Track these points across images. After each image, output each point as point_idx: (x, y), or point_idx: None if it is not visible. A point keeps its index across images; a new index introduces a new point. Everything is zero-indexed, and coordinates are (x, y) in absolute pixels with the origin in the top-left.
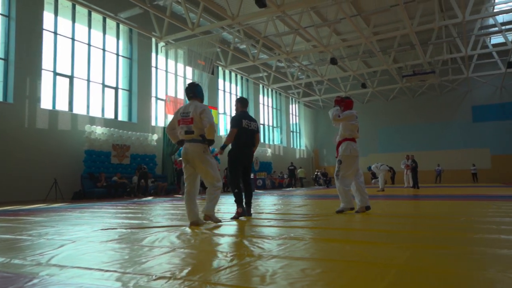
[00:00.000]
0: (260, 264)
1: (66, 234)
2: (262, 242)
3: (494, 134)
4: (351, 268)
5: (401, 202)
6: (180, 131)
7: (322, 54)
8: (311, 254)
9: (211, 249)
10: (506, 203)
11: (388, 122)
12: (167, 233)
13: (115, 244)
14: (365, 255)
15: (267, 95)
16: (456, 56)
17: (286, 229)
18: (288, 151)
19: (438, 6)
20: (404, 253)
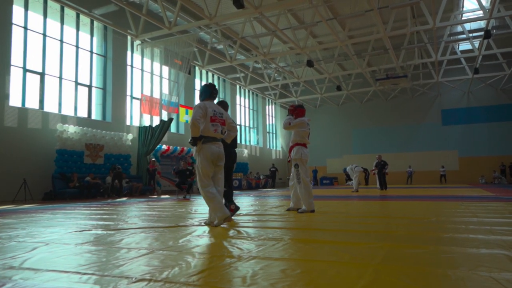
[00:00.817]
0: (240, 265)
1: (38, 237)
2: (242, 243)
3: (462, 136)
4: (330, 268)
5: (374, 202)
6: (215, 128)
7: (298, 56)
8: (290, 255)
9: (191, 251)
10: (473, 204)
11: (362, 124)
12: (144, 235)
13: (91, 246)
14: (343, 255)
15: (243, 96)
16: (427, 61)
17: (264, 229)
18: (265, 152)
19: (410, 13)
20: (380, 252)
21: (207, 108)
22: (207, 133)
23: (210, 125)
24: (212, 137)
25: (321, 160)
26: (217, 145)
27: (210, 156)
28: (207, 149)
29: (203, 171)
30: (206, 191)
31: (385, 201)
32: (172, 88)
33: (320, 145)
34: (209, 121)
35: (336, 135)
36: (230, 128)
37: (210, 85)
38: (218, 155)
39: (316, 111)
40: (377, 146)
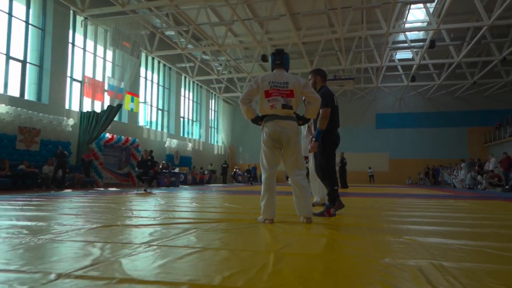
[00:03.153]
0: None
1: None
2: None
3: (393, 140)
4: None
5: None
6: (272, 104)
7: (248, 51)
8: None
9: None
10: (394, 199)
11: None
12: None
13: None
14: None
15: (188, 88)
16: (373, 66)
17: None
18: (207, 146)
19: (361, 17)
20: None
21: (262, 81)
22: (263, 111)
23: (266, 101)
24: (271, 115)
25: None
26: (279, 123)
27: (269, 138)
28: (265, 129)
29: (263, 156)
30: (263, 180)
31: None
32: (122, 73)
33: (260, 143)
34: (264, 96)
35: None
36: (308, 99)
37: (274, 52)
38: (279, 136)
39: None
40: None
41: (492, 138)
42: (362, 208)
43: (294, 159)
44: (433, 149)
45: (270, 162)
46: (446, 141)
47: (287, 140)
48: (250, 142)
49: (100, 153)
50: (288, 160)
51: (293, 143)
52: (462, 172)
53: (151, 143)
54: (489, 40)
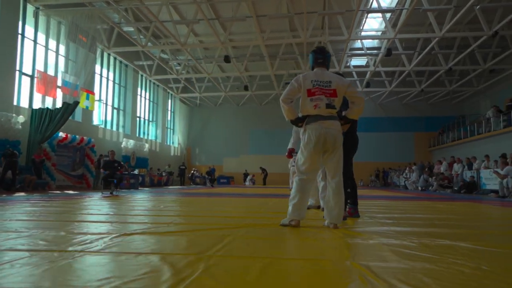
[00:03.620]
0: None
1: None
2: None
3: None
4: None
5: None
6: (316, 103)
7: (207, 51)
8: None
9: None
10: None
11: (260, 125)
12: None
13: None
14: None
15: (145, 87)
16: (332, 70)
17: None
18: (163, 147)
19: (321, 23)
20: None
21: (304, 80)
22: (305, 112)
23: (308, 100)
24: (314, 116)
25: (218, 159)
26: (325, 124)
27: (313, 140)
28: (309, 132)
29: (303, 159)
30: (296, 181)
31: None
32: (78, 68)
33: (218, 144)
34: (306, 95)
35: (234, 135)
36: (352, 99)
37: (315, 49)
38: (325, 138)
39: (215, 109)
40: (273, 147)
41: (436, 143)
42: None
43: (337, 161)
44: (383, 153)
45: (309, 168)
46: (395, 145)
47: (333, 140)
48: (207, 143)
49: (52, 153)
50: (331, 162)
51: (338, 143)
52: (414, 175)
53: (107, 144)
54: (437, 51)
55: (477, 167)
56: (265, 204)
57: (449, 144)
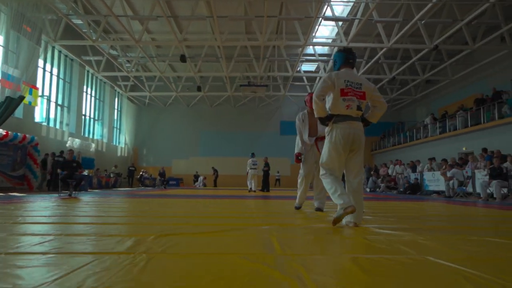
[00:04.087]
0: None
1: None
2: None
3: (295, 146)
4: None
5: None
6: (348, 104)
7: (160, 50)
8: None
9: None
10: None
11: (210, 127)
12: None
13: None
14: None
15: (91, 84)
16: (284, 75)
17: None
18: (110, 147)
19: (276, 27)
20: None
21: (337, 78)
22: (337, 111)
23: (341, 100)
24: (344, 115)
25: (167, 160)
26: (353, 125)
27: (341, 140)
28: (338, 131)
29: (330, 158)
30: (328, 176)
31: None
32: (23, 61)
33: (167, 145)
34: (339, 94)
35: (184, 136)
36: (375, 103)
37: (345, 49)
38: (353, 139)
39: (165, 109)
40: (223, 149)
41: (377, 147)
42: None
43: (360, 161)
44: None
45: (338, 166)
46: None
47: (359, 141)
48: (155, 144)
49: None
50: (355, 161)
51: (363, 144)
52: None
53: (51, 142)
54: (382, 60)
55: (421, 170)
56: (253, 204)
57: (390, 148)
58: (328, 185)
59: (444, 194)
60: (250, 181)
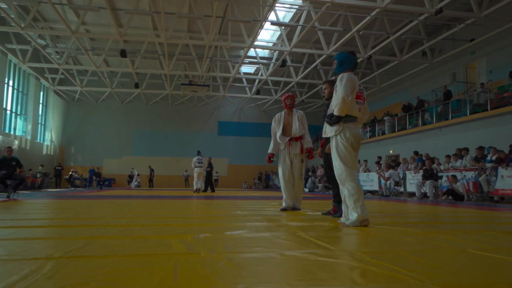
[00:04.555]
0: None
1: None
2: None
3: (232, 147)
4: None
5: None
6: (360, 107)
7: (95, 43)
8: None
9: None
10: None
11: (145, 126)
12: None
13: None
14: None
15: (13, 75)
16: (228, 75)
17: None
18: (35, 145)
19: (220, 28)
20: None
21: (355, 81)
22: (351, 112)
23: (355, 102)
24: (353, 116)
25: (97, 159)
26: (357, 125)
27: (352, 139)
28: (349, 131)
29: (346, 158)
30: (353, 181)
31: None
32: None
33: (98, 144)
34: (354, 97)
35: (117, 134)
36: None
37: (353, 52)
38: (359, 138)
39: (97, 106)
40: (159, 149)
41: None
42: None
43: (357, 158)
44: (266, 157)
45: (355, 162)
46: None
47: (361, 140)
48: (85, 142)
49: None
50: (355, 159)
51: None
52: None
53: None
54: (320, 66)
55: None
56: (219, 204)
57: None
58: (353, 190)
59: (377, 194)
60: (197, 180)
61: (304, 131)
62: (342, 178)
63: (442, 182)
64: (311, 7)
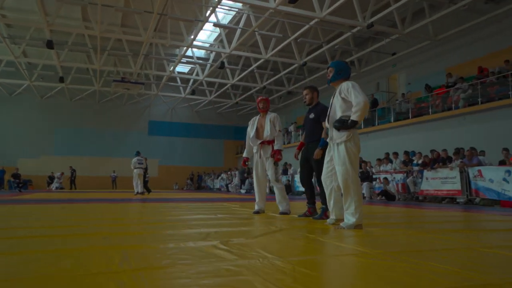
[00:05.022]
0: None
1: None
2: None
3: (164, 147)
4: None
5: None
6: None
7: (12, 30)
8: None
9: None
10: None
11: (68, 123)
12: None
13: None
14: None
15: None
16: (161, 74)
17: None
18: None
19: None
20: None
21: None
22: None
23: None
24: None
25: (10, 159)
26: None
27: (359, 145)
28: (357, 137)
29: (356, 163)
30: (358, 185)
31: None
32: None
33: (12, 142)
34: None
35: (34, 132)
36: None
37: (347, 62)
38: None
39: (10, 99)
40: (83, 148)
41: (242, 150)
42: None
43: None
44: (197, 158)
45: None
46: (208, 150)
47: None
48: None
49: None
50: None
51: None
52: (236, 179)
53: None
54: (255, 70)
55: (292, 172)
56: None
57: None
58: (356, 196)
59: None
60: (137, 182)
61: (274, 134)
62: (348, 183)
63: (375, 183)
64: (250, 11)
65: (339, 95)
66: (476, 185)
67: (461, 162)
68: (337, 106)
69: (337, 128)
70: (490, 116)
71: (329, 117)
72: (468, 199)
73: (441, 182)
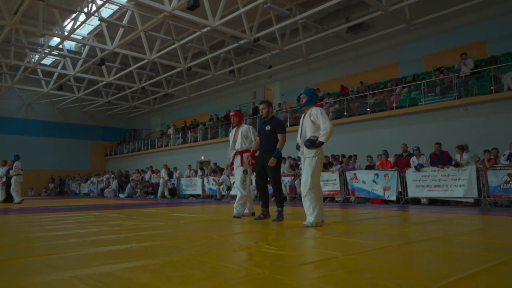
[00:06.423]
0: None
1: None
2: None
3: (15, 147)
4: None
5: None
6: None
7: None
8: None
9: None
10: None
11: None
12: None
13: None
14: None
15: None
16: (21, 64)
17: None
18: None
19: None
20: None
21: None
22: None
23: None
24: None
25: None
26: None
27: (323, 159)
28: (323, 153)
29: (319, 173)
30: (319, 191)
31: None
32: None
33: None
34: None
35: None
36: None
37: (316, 90)
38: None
39: None
40: None
41: (112, 152)
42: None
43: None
44: (60, 160)
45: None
46: (72, 152)
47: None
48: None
49: None
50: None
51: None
52: (114, 183)
53: None
54: (138, 71)
55: (178, 176)
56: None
57: (127, 154)
58: (314, 200)
59: (199, 197)
60: (18, 190)
61: (247, 145)
62: (308, 189)
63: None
64: (135, 8)
65: (309, 118)
66: (352, 186)
67: (341, 167)
68: (307, 128)
69: (307, 146)
70: (354, 127)
71: (301, 136)
72: (345, 197)
73: (324, 184)
